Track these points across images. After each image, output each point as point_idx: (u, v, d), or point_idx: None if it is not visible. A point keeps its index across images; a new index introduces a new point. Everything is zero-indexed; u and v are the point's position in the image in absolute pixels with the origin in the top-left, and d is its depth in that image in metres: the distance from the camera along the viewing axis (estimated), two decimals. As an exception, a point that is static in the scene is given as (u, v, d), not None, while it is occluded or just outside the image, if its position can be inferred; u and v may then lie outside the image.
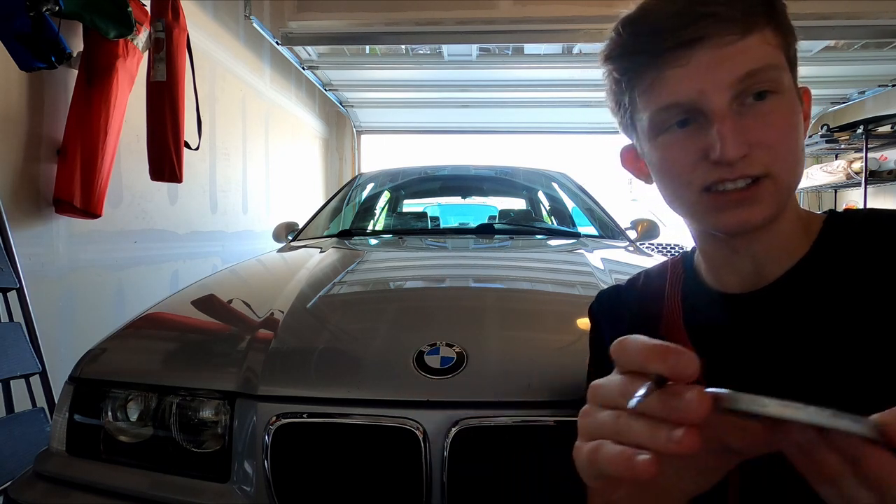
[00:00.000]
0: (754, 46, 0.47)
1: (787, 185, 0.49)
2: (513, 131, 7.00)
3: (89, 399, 0.92)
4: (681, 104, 0.48)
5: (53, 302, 2.09)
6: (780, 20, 0.49)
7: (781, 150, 0.48)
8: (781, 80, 0.48)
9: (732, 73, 0.46)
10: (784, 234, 0.52)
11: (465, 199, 3.15)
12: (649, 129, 0.52)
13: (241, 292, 1.33)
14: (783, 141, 0.48)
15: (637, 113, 0.53)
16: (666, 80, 0.48)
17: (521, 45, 4.58)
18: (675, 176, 0.51)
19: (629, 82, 0.52)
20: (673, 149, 0.50)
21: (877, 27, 3.77)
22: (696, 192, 0.50)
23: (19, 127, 1.90)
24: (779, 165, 0.48)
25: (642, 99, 0.51)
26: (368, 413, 0.79)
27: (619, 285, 0.71)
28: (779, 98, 0.48)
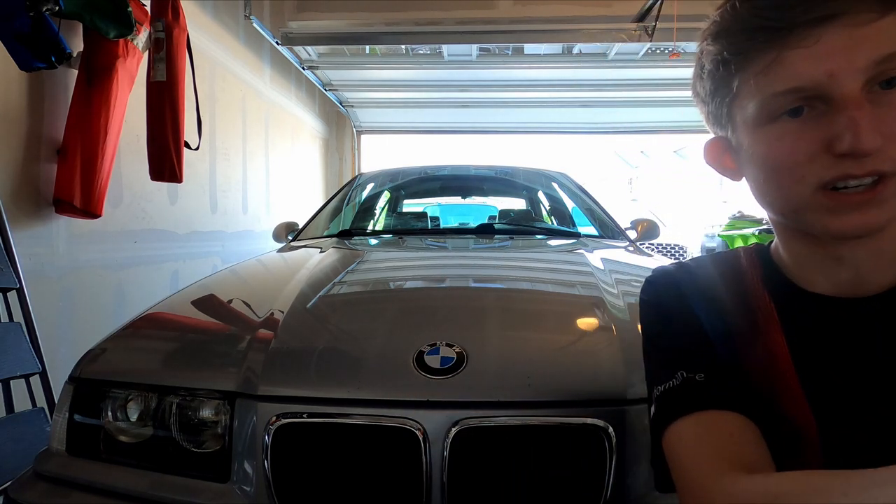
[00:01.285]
0: (893, 28, 0.41)
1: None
2: (513, 131, 7.01)
3: (89, 399, 0.92)
4: (803, 89, 0.43)
5: (53, 302, 2.09)
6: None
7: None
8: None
9: (869, 56, 0.41)
10: (892, 239, 0.47)
11: (465, 199, 3.15)
12: (757, 118, 0.46)
13: (241, 292, 1.33)
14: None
15: (740, 99, 0.47)
16: (788, 61, 0.43)
17: (521, 45, 4.58)
18: (786, 171, 0.45)
19: (741, 63, 0.46)
20: (786, 140, 0.45)
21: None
22: (809, 190, 0.45)
23: (19, 127, 1.90)
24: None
25: (757, 81, 0.45)
26: (368, 413, 0.79)
27: (666, 268, 0.64)
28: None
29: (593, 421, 0.77)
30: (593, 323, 0.98)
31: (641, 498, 0.78)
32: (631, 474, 0.78)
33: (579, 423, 0.78)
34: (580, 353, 0.90)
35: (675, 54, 3.87)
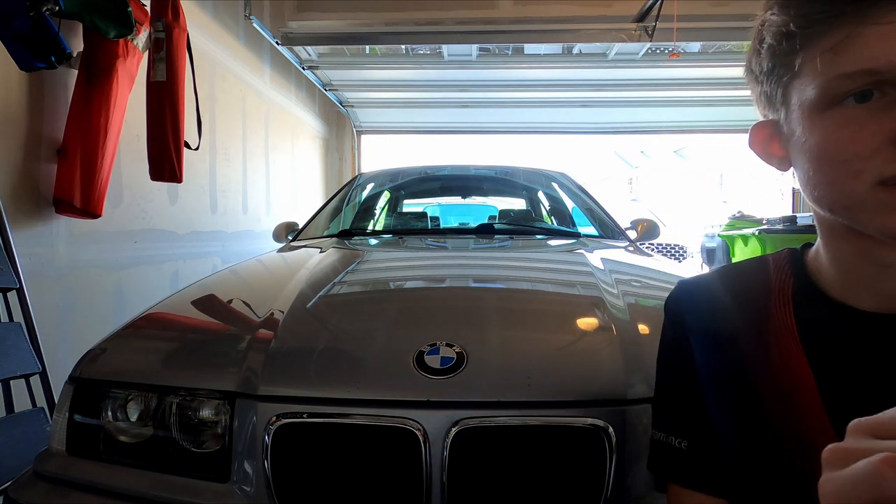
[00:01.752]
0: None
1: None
2: (513, 131, 7.01)
3: (89, 399, 0.92)
4: (877, 71, 0.39)
5: (53, 302, 2.09)
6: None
7: None
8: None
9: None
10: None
11: (465, 199, 3.15)
12: (817, 101, 0.42)
13: (241, 292, 1.33)
14: None
15: (800, 79, 0.43)
16: (864, 38, 0.39)
17: (521, 45, 4.58)
18: (843, 161, 0.41)
19: (808, 37, 0.42)
20: (848, 128, 0.41)
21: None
22: (867, 185, 0.41)
23: (19, 127, 1.90)
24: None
25: (823, 59, 0.41)
26: (368, 413, 0.79)
27: (703, 276, 0.61)
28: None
29: (593, 421, 0.77)
30: (593, 323, 0.98)
31: (641, 498, 0.78)
32: (631, 474, 0.78)
33: (579, 424, 0.78)
34: (580, 353, 0.90)
35: (675, 54, 3.87)
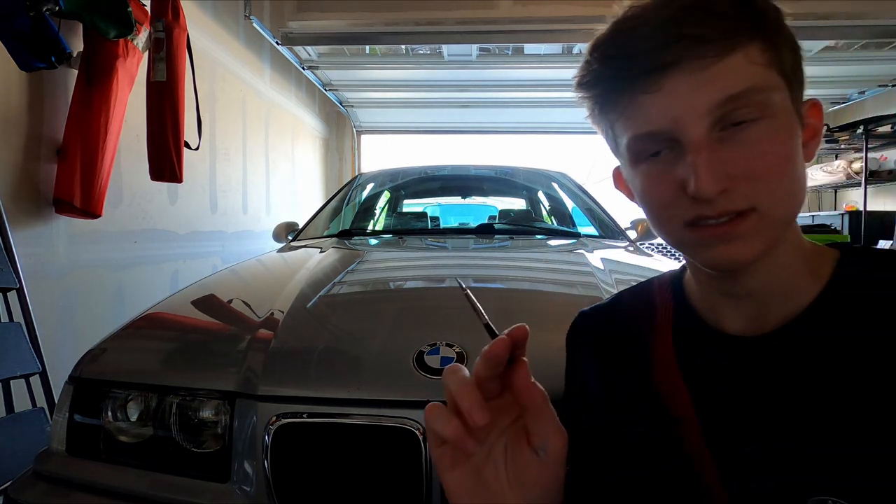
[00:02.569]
0: (736, 68, 0.42)
1: (780, 218, 0.45)
2: (513, 131, 7.01)
3: (89, 399, 0.92)
4: (657, 133, 0.44)
5: (53, 302, 2.09)
6: (772, 32, 0.44)
7: (770, 182, 0.43)
8: (770, 102, 0.43)
9: (710, 100, 0.42)
10: (785, 271, 0.47)
11: (465, 199, 3.15)
12: (629, 157, 0.48)
13: (241, 292, 1.33)
14: (772, 171, 0.43)
15: (617, 138, 0.49)
16: (639, 106, 0.44)
17: (521, 45, 4.58)
18: (656, 209, 0.47)
19: (602, 109, 0.49)
20: (651, 181, 0.46)
21: (877, 27, 3.77)
22: (678, 227, 0.46)
23: (19, 127, 1.90)
24: (767, 199, 0.43)
25: (621, 125, 0.47)
26: (368, 413, 0.79)
27: (599, 305, 0.64)
28: (768, 123, 0.42)
29: (593, 421, 0.77)
30: (593, 323, 0.98)
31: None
32: (631, 474, 0.78)
33: (579, 423, 0.78)
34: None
35: (675, 54, 3.86)
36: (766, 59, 0.43)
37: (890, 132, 4.61)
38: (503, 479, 0.43)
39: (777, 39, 0.44)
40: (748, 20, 0.42)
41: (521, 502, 0.43)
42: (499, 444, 0.44)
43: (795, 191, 0.44)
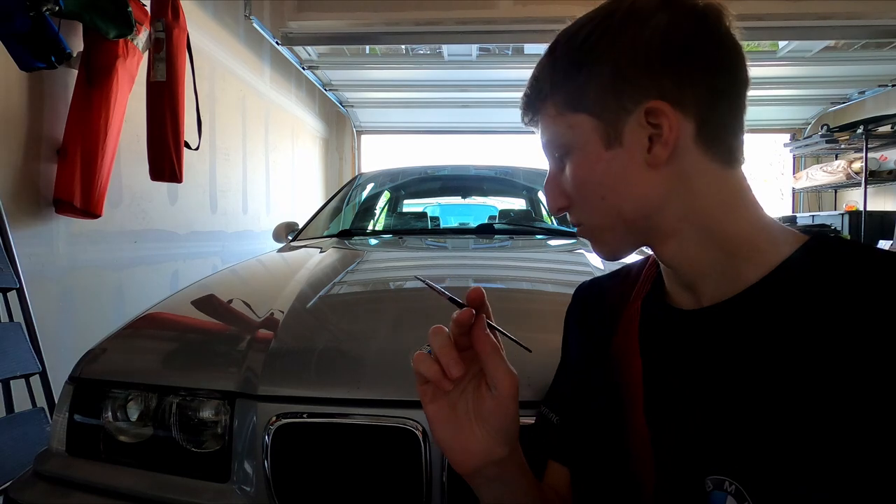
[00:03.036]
0: (544, 125, 0.55)
1: (604, 225, 0.54)
2: (513, 131, 7.01)
3: (89, 399, 0.92)
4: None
5: (53, 302, 2.09)
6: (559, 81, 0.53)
7: (579, 202, 0.54)
8: (571, 141, 0.52)
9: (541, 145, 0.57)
10: (701, 255, 0.51)
11: (465, 199, 3.15)
12: None
13: (241, 292, 1.33)
14: (578, 193, 0.54)
15: None
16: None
17: (521, 45, 4.58)
18: None
19: None
20: None
21: (877, 27, 3.77)
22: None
23: (19, 127, 1.90)
24: (584, 215, 0.55)
25: None
26: (368, 413, 0.79)
27: (597, 277, 0.72)
28: (575, 153, 0.53)
29: (593, 421, 0.77)
30: (593, 323, 0.98)
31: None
32: (631, 474, 0.78)
33: (579, 423, 0.78)
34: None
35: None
36: (558, 107, 0.53)
37: (890, 132, 4.61)
38: (470, 411, 0.52)
39: (571, 86, 0.52)
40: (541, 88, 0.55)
41: (481, 429, 0.52)
42: (469, 384, 0.53)
43: (612, 201, 0.52)
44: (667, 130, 0.48)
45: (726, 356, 0.48)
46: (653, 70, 0.48)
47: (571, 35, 0.53)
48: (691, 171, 0.49)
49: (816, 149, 5.55)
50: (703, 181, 0.50)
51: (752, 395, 0.45)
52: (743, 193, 0.51)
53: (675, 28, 0.48)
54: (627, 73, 0.49)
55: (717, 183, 0.50)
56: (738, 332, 0.48)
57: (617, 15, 0.50)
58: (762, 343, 0.46)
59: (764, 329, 0.46)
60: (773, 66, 4.74)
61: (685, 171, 0.50)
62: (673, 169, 0.49)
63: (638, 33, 0.48)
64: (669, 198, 0.50)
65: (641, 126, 0.49)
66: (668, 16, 0.48)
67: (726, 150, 0.50)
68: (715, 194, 0.50)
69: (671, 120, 0.48)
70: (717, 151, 0.50)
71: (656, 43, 0.48)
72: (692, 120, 0.49)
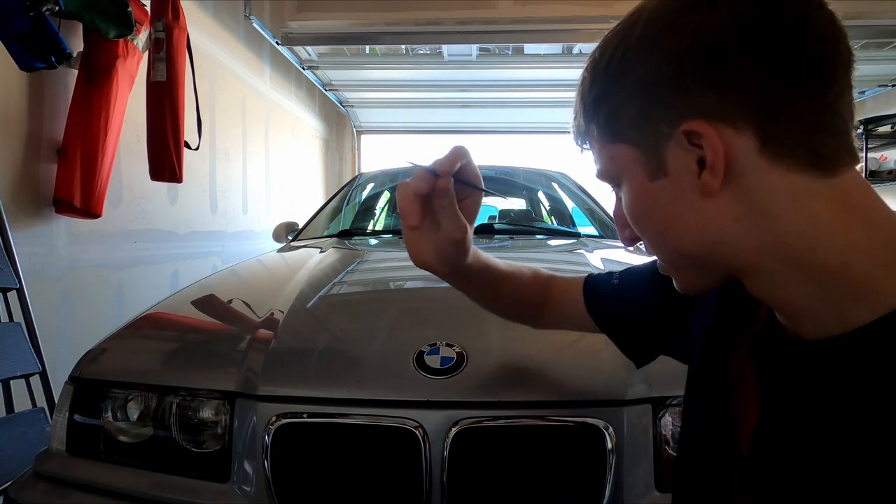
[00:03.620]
0: (593, 155, 0.51)
1: (672, 262, 0.49)
2: (513, 131, 7.01)
3: (89, 399, 0.92)
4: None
5: (53, 302, 2.09)
6: (592, 111, 0.48)
7: (642, 231, 0.49)
8: (617, 173, 0.48)
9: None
10: (792, 293, 0.42)
11: (465, 199, 3.14)
12: None
13: (241, 292, 1.33)
14: (637, 228, 0.49)
15: None
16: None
17: (521, 45, 4.58)
18: None
19: None
20: None
21: (877, 27, 3.77)
22: None
23: (19, 127, 1.90)
24: (651, 250, 0.50)
25: None
26: (368, 413, 0.79)
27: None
28: (625, 186, 0.48)
29: (593, 421, 0.77)
30: (593, 323, 0.98)
31: (641, 498, 0.78)
32: (631, 475, 0.78)
33: (579, 424, 0.78)
34: (580, 353, 0.90)
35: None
36: (599, 141, 0.48)
37: (890, 132, 4.61)
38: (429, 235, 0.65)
39: (603, 116, 0.47)
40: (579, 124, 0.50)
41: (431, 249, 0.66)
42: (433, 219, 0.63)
43: (669, 237, 0.46)
44: (710, 154, 0.40)
45: (813, 402, 0.41)
46: (684, 84, 0.41)
47: (596, 59, 0.47)
48: (762, 191, 0.40)
49: (816, 149, 5.55)
50: (780, 202, 0.40)
51: (831, 451, 0.39)
52: (849, 206, 0.40)
53: (708, 27, 0.40)
54: (656, 92, 0.42)
55: (804, 200, 0.40)
56: (832, 378, 0.40)
57: (637, 27, 0.44)
58: (845, 400, 0.39)
59: (854, 384, 0.39)
60: (773, 66, 4.73)
61: (753, 194, 0.40)
62: (736, 193, 0.41)
63: (661, 42, 0.42)
64: (739, 227, 0.42)
65: (685, 150, 0.42)
66: (698, 15, 0.40)
67: (814, 154, 0.39)
68: (802, 216, 0.40)
69: (714, 141, 0.40)
70: (799, 160, 0.39)
71: (686, 51, 0.40)
72: (751, 133, 0.40)
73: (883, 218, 0.40)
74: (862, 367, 0.38)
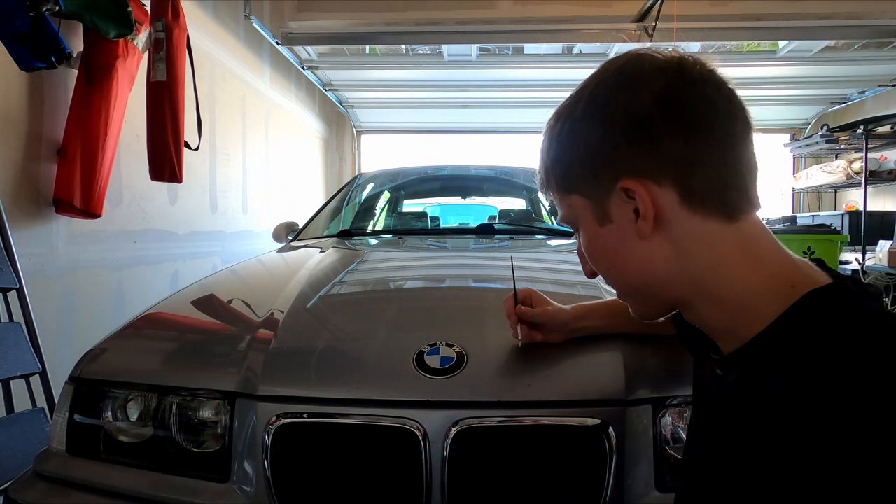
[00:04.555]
0: (555, 202, 0.60)
1: (623, 293, 0.59)
2: (513, 131, 7.01)
3: (89, 399, 0.92)
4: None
5: (53, 302, 2.09)
6: (550, 166, 0.58)
7: (597, 267, 0.58)
8: (573, 219, 0.58)
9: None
10: (709, 316, 0.52)
11: (465, 200, 3.15)
12: None
13: (241, 292, 1.33)
14: (593, 264, 0.59)
15: None
16: None
17: (521, 45, 4.58)
18: None
19: None
20: None
21: (877, 27, 3.77)
22: None
23: (19, 127, 1.90)
24: (606, 278, 0.58)
25: None
26: (368, 413, 0.79)
27: None
28: (581, 230, 0.58)
29: (593, 421, 0.77)
30: (593, 323, 0.98)
31: (641, 498, 0.78)
32: (631, 475, 0.78)
33: (579, 424, 0.78)
34: (580, 352, 0.90)
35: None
36: (557, 192, 0.58)
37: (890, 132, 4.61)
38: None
39: (559, 171, 0.56)
40: (541, 176, 0.60)
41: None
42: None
43: (617, 273, 0.56)
44: (642, 206, 0.49)
45: (712, 412, 0.52)
46: (618, 149, 0.50)
47: (551, 127, 0.56)
48: (683, 237, 0.50)
49: (816, 149, 5.54)
50: (697, 246, 0.50)
51: (723, 460, 0.47)
52: (746, 247, 0.49)
53: (633, 105, 0.49)
54: (597, 156, 0.51)
55: (715, 244, 0.49)
56: (725, 389, 0.50)
57: (581, 103, 0.53)
58: (734, 415, 0.48)
59: (738, 397, 0.47)
60: (773, 66, 4.74)
61: (677, 238, 0.50)
62: (664, 237, 0.50)
63: (599, 116, 0.51)
64: (669, 266, 0.51)
65: (624, 202, 0.51)
66: (626, 95, 0.49)
67: (722, 205, 0.49)
68: (712, 256, 0.49)
69: (643, 195, 0.49)
70: (711, 210, 0.49)
71: (617, 123, 0.49)
72: (672, 188, 0.49)
73: (770, 256, 0.49)
74: (744, 374, 0.48)
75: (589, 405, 0.79)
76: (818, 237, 4.13)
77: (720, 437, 0.48)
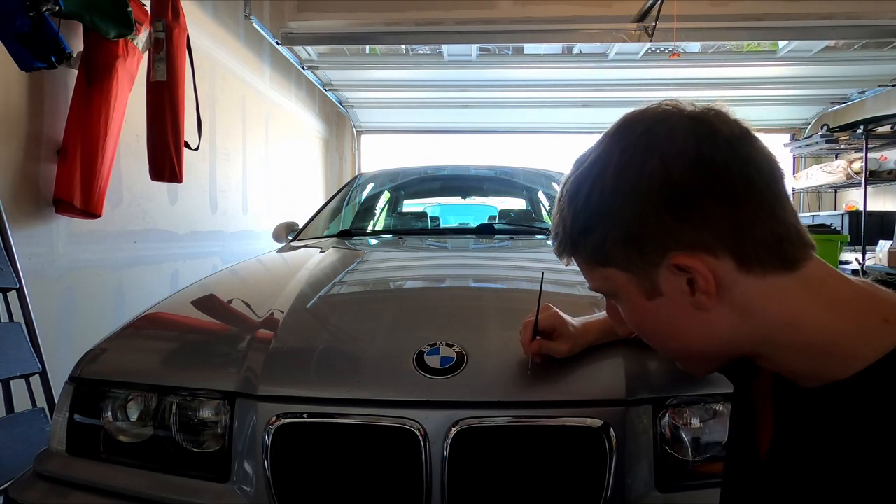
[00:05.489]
0: (581, 269, 0.57)
1: (680, 359, 0.57)
2: (513, 131, 7.01)
3: (89, 399, 0.92)
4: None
5: (53, 302, 2.09)
6: (577, 239, 0.53)
7: (647, 338, 0.56)
8: (612, 290, 0.54)
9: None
10: (784, 370, 0.50)
11: (465, 199, 3.15)
12: None
13: (241, 292, 1.33)
14: (641, 333, 0.56)
15: None
16: None
17: (521, 45, 4.58)
18: None
19: None
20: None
21: (877, 27, 3.77)
22: None
23: (19, 127, 1.90)
24: (658, 347, 0.57)
25: None
26: (368, 413, 0.79)
27: None
28: (621, 301, 0.55)
29: (593, 421, 0.77)
30: (593, 323, 0.98)
31: (641, 498, 0.78)
32: (631, 474, 0.78)
33: (579, 424, 0.78)
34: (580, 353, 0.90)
35: (675, 54, 3.87)
36: (588, 264, 0.54)
37: (890, 132, 4.61)
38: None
39: (590, 245, 0.52)
40: (563, 246, 0.55)
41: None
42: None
43: (675, 345, 0.54)
44: (702, 281, 0.47)
45: (800, 453, 0.49)
46: (663, 224, 0.46)
47: (573, 195, 0.51)
48: (746, 300, 0.47)
49: (816, 149, 5.54)
50: (763, 304, 0.47)
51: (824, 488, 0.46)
52: (817, 292, 0.47)
53: (671, 175, 0.46)
54: (640, 232, 0.47)
55: (782, 298, 0.47)
56: (817, 418, 0.48)
57: (609, 171, 0.49)
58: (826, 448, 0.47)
59: (848, 430, 0.45)
60: (773, 66, 4.74)
61: (740, 303, 0.47)
62: (725, 304, 0.48)
63: (634, 187, 0.47)
64: (736, 330, 0.49)
65: (675, 275, 0.48)
66: (660, 162, 0.46)
67: (781, 260, 0.47)
68: (782, 311, 0.47)
69: (702, 270, 0.46)
70: (769, 267, 0.46)
71: (657, 196, 0.46)
72: (728, 256, 0.46)
73: (844, 294, 0.47)
74: (848, 409, 0.46)
75: (589, 405, 0.79)
76: (818, 237, 4.11)
77: (821, 468, 0.46)
